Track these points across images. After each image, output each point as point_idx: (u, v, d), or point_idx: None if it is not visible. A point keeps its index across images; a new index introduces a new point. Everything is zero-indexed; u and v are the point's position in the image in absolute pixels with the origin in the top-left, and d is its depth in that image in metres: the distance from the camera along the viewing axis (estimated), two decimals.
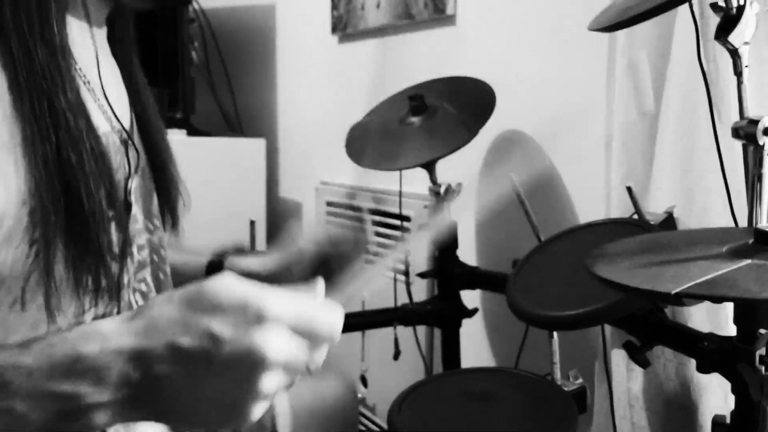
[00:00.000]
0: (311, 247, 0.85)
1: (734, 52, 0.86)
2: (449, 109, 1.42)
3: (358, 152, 1.48)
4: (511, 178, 1.27)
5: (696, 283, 0.62)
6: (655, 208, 1.18)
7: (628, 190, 1.07)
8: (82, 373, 0.48)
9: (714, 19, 0.88)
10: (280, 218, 2.45)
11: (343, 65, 2.17)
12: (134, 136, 0.74)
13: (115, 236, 0.65)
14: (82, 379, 0.48)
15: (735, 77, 0.88)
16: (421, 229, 0.83)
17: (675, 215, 1.14)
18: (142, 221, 0.73)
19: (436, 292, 1.54)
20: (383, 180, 1.79)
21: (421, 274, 1.53)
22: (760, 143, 0.84)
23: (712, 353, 0.89)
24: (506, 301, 1.07)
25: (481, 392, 1.08)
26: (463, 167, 1.55)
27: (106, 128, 0.68)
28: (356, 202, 1.91)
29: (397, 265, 1.74)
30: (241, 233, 2.17)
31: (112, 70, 0.75)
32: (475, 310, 1.49)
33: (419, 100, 1.44)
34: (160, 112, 0.82)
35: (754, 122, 0.84)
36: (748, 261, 0.67)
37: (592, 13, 0.99)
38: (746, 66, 0.87)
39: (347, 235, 0.84)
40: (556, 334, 1.18)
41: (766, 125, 0.83)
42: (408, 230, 0.85)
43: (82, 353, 0.48)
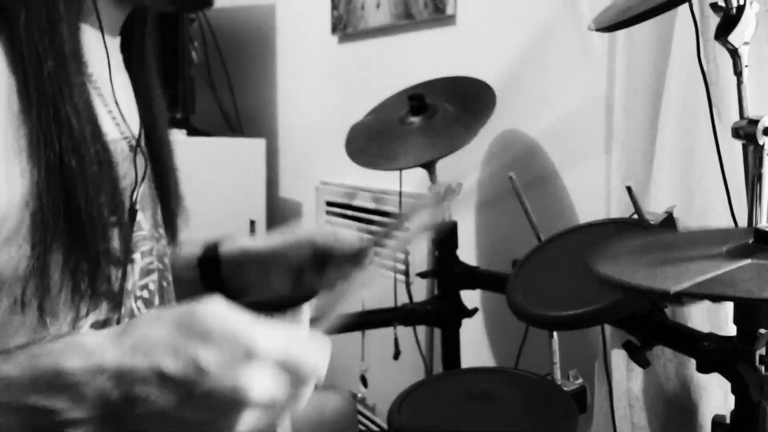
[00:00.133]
0: (313, 238, 0.84)
1: (734, 52, 0.86)
2: (449, 109, 1.42)
3: (358, 152, 1.48)
4: (511, 178, 1.27)
5: (696, 283, 0.62)
6: (655, 208, 1.18)
7: (628, 190, 1.07)
8: (62, 389, 0.48)
9: (714, 19, 0.88)
10: (280, 218, 2.45)
11: (343, 65, 2.17)
12: (142, 145, 0.74)
13: (118, 243, 0.65)
14: (60, 395, 0.48)
15: (735, 77, 0.88)
16: (418, 211, 0.82)
17: (675, 215, 1.14)
18: (149, 229, 0.73)
19: (436, 292, 1.54)
20: (383, 180, 1.79)
21: (421, 274, 1.53)
22: (760, 143, 0.84)
23: (712, 353, 0.89)
24: (506, 301, 1.07)
25: (481, 392, 1.08)
26: (463, 167, 1.55)
27: (115, 135, 0.68)
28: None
29: (397, 262, 1.74)
30: (241, 233, 2.17)
31: (123, 80, 0.75)
32: (475, 310, 1.49)
33: (419, 100, 1.44)
34: None
35: (754, 122, 0.84)
36: (748, 261, 0.67)
37: (592, 13, 0.99)
38: (746, 66, 0.87)
39: (353, 239, 0.83)
40: (556, 334, 1.18)
41: (766, 125, 0.83)
42: (404, 216, 0.83)
43: (64, 368, 0.48)
